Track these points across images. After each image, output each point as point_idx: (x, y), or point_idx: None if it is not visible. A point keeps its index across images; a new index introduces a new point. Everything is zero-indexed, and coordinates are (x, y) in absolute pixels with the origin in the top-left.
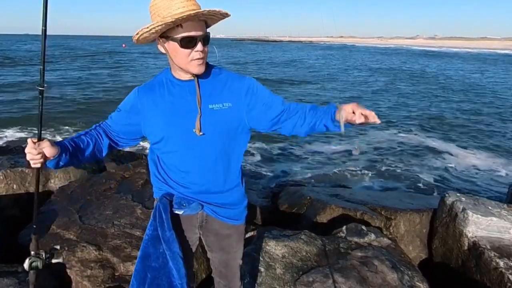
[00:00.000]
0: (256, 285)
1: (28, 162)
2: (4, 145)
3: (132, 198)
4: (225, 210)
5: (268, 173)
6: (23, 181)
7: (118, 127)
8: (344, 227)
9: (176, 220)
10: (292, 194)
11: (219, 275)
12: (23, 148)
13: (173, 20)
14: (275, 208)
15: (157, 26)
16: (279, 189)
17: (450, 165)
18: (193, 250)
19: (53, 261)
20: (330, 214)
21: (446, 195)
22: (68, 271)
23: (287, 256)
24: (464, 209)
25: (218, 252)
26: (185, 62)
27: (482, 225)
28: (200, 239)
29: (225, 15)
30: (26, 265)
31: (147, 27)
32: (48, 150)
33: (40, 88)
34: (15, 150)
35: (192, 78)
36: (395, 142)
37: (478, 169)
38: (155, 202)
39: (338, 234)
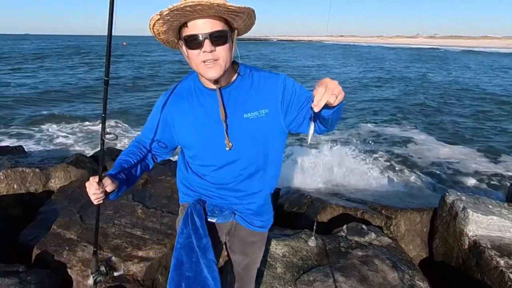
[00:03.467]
0: (256, 284)
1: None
2: (4, 145)
3: (133, 197)
4: (256, 219)
5: None
6: (24, 181)
7: (151, 142)
8: (344, 226)
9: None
10: (293, 193)
11: (236, 275)
12: (23, 148)
13: (169, 11)
14: (275, 208)
15: (154, 21)
16: (280, 188)
17: (451, 164)
18: (220, 256)
19: (115, 274)
20: (331, 213)
21: (447, 194)
22: (69, 270)
23: (288, 256)
24: (464, 208)
25: (240, 256)
26: (195, 65)
27: (482, 224)
28: (225, 243)
29: (236, 11)
30: (90, 281)
31: (152, 20)
32: (110, 188)
33: (103, 138)
34: (16, 150)
35: (221, 85)
36: (396, 141)
37: (479, 168)
38: (181, 208)
39: (338, 233)
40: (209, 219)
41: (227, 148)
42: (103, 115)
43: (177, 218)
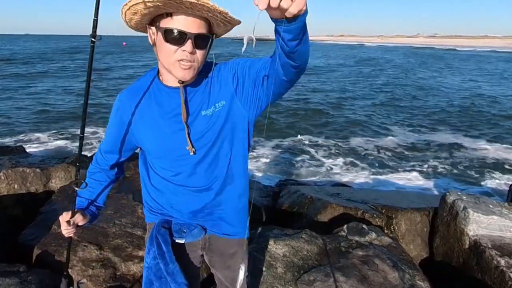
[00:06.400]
0: (257, 284)
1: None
2: (4, 145)
3: (133, 197)
4: (232, 226)
5: (269, 172)
6: (24, 181)
7: (118, 151)
8: (345, 226)
9: (176, 246)
10: (293, 193)
11: None
12: (24, 148)
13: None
14: (276, 207)
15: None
16: (280, 188)
17: (451, 164)
18: (198, 270)
19: None
20: (331, 213)
21: (447, 193)
22: (69, 270)
23: (288, 255)
24: (465, 208)
25: (223, 271)
26: (168, 61)
27: (483, 224)
28: (202, 256)
29: (230, 21)
30: None
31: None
32: (82, 223)
33: (73, 186)
34: (16, 150)
35: (185, 84)
36: (396, 140)
37: (479, 168)
38: (148, 227)
39: (339, 233)
40: (177, 241)
41: (191, 153)
42: (78, 164)
43: (145, 235)
